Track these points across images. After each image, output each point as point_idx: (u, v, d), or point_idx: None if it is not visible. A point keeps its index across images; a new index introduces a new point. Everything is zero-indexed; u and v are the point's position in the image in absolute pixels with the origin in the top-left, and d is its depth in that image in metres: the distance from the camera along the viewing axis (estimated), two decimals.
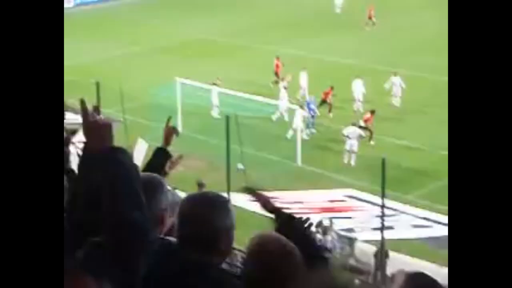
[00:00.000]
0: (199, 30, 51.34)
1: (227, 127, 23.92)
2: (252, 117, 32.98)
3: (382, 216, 21.95)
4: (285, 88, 35.72)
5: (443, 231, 25.20)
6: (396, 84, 36.78)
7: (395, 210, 26.00)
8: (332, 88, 35.69)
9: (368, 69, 40.34)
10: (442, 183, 28.35)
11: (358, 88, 36.27)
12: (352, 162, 30.35)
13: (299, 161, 30.45)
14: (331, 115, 35.09)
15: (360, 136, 30.81)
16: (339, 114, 34.93)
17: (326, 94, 35.58)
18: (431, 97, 37.43)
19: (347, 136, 30.63)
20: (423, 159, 30.72)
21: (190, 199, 4.17)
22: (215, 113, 34.88)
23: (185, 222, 4.04)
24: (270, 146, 31.31)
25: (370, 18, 52.28)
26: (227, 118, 24.19)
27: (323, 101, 35.62)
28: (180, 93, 34.30)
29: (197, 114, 34.37)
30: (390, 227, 24.32)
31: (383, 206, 21.86)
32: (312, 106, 33.95)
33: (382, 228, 21.96)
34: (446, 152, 25.35)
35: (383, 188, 21.51)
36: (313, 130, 33.64)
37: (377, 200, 24.08)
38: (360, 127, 32.24)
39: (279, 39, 48.00)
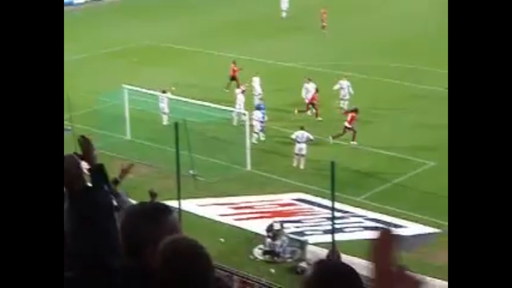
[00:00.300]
0: (147, 36, 51.11)
1: (176, 134, 23.86)
2: (201, 123, 32.96)
3: (333, 218, 22.10)
4: (242, 92, 35.79)
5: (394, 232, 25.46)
6: (344, 87, 37.03)
7: (345, 212, 26.21)
8: (317, 90, 35.93)
9: (316, 72, 40.55)
10: (391, 184, 28.70)
11: (310, 91, 36.47)
12: (302, 166, 30.48)
13: (248, 166, 30.51)
14: (319, 118, 35.31)
15: (309, 140, 30.92)
16: (289, 118, 35.05)
17: (313, 97, 35.76)
18: (378, 100, 37.85)
19: (296, 140, 30.75)
20: (372, 161, 31.02)
21: (124, 211, 4.29)
22: (164, 120, 34.75)
23: (120, 233, 4.17)
24: (219, 152, 31.30)
25: (323, 21, 52.62)
26: (176, 124, 24.14)
27: (312, 105, 35.79)
28: (128, 100, 34.11)
29: (146, 121, 34.22)
30: (341, 230, 24.50)
31: (333, 209, 22.01)
32: (262, 111, 34.00)
33: (332, 231, 22.10)
34: (395, 154, 25.41)
35: (332, 190, 21.65)
36: (263, 134, 33.74)
37: (327, 203, 24.25)
38: (346, 127, 32.64)
39: (228, 45, 48.06)
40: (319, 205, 27.03)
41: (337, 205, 23.03)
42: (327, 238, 23.01)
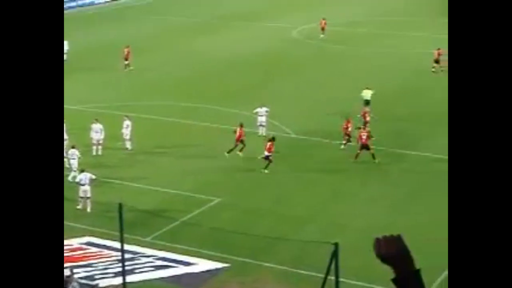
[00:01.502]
0: None
1: None
2: None
3: (123, 260, 22.03)
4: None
5: (183, 270, 25.76)
6: (127, 127, 36.97)
7: (135, 253, 26.18)
8: (242, 125, 35.89)
9: (100, 113, 40.24)
10: (179, 222, 28.97)
11: (96, 132, 36.27)
12: (88, 209, 30.05)
13: None
14: (240, 154, 35.41)
15: (92, 180, 30.48)
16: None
17: (240, 133, 35.58)
18: (162, 138, 38.20)
19: (79, 183, 30.24)
20: (158, 200, 31.19)
21: None
22: None
23: None
24: None
25: (126, 59, 52.46)
26: None
27: (240, 141, 35.54)
28: None
29: None
30: (132, 271, 24.45)
31: (122, 251, 21.95)
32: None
33: (123, 273, 22.03)
34: (180, 192, 25.53)
35: (121, 232, 21.61)
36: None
37: (117, 245, 24.13)
38: (266, 156, 33.61)
39: None
40: (108, 248, 26.82)
41: (127, 246, 22.99)
42: (118, 280, 22.91)
